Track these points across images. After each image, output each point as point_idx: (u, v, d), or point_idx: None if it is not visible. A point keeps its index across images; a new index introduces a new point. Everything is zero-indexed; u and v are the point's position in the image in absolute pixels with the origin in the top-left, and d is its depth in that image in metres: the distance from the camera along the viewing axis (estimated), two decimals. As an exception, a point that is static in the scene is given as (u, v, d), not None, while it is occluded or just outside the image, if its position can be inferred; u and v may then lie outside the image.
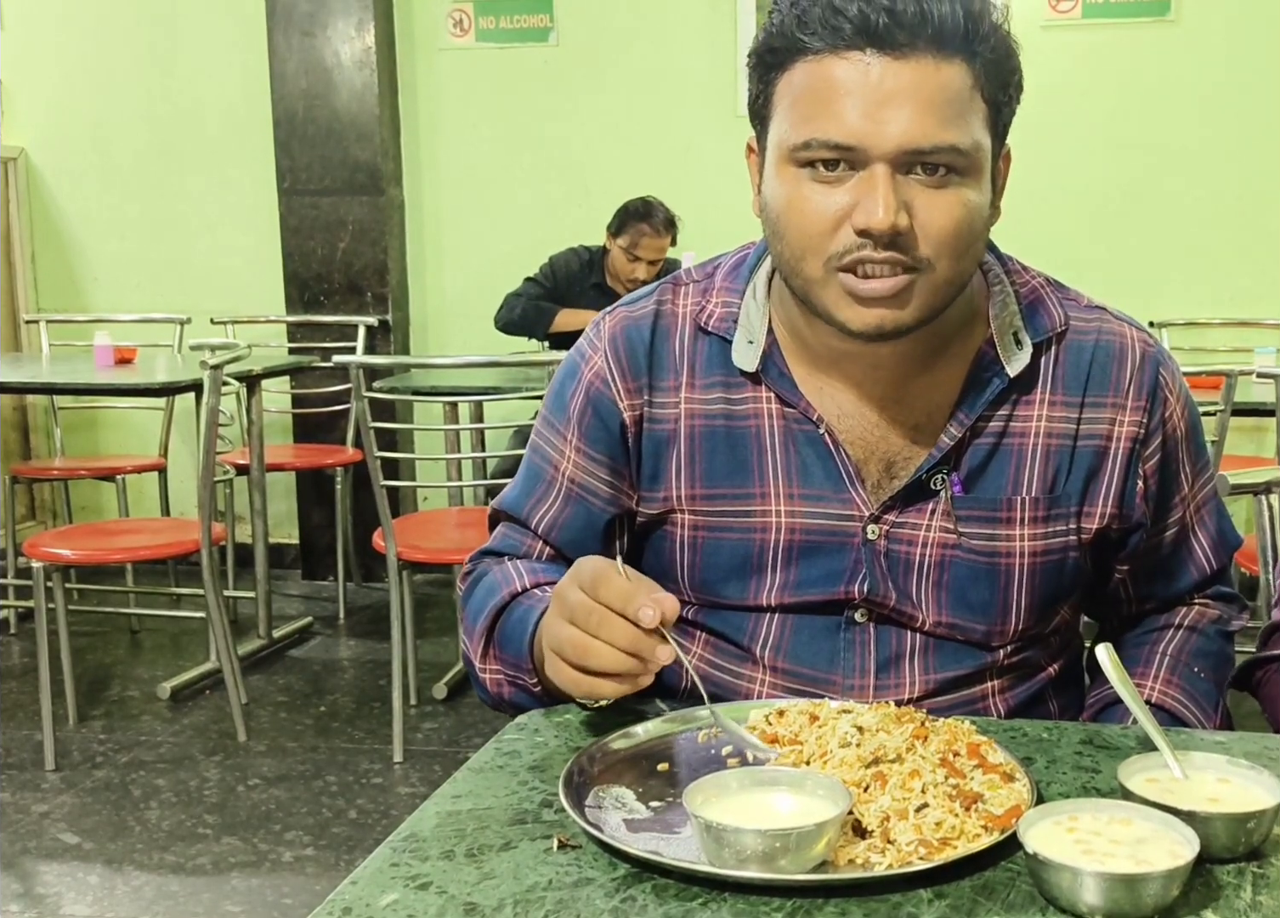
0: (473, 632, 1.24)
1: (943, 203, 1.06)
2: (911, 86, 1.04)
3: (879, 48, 1.04)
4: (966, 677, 1.22)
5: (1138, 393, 1.21)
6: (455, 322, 4.83)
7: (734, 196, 5.00)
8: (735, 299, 1.22)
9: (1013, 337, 1.19)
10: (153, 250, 4.92)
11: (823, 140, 1.05)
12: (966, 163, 1.06)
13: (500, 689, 1.21)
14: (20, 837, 2.84)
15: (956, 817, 0.88)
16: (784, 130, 1.09)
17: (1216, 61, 4.20)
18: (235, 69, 4.74)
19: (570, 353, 1.30)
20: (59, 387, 4.10)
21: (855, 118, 1.04)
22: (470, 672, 1.26)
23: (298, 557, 4.95)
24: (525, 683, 1.17)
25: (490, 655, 1.21)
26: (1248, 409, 3.33)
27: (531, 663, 1.15)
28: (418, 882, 0.85)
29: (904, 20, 1.03)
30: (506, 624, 1.20)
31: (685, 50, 4.56)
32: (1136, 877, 0.79)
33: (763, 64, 1.12)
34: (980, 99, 1.07)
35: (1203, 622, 1.31)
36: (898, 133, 1.03)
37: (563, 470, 1.27)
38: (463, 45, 4.67)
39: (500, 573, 1.25)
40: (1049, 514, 1.20)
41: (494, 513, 1.35)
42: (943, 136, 1.04)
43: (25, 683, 3.74)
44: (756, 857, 0.83)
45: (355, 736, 3.42)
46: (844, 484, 1.19)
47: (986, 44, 1.07)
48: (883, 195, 1.04)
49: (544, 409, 1.31)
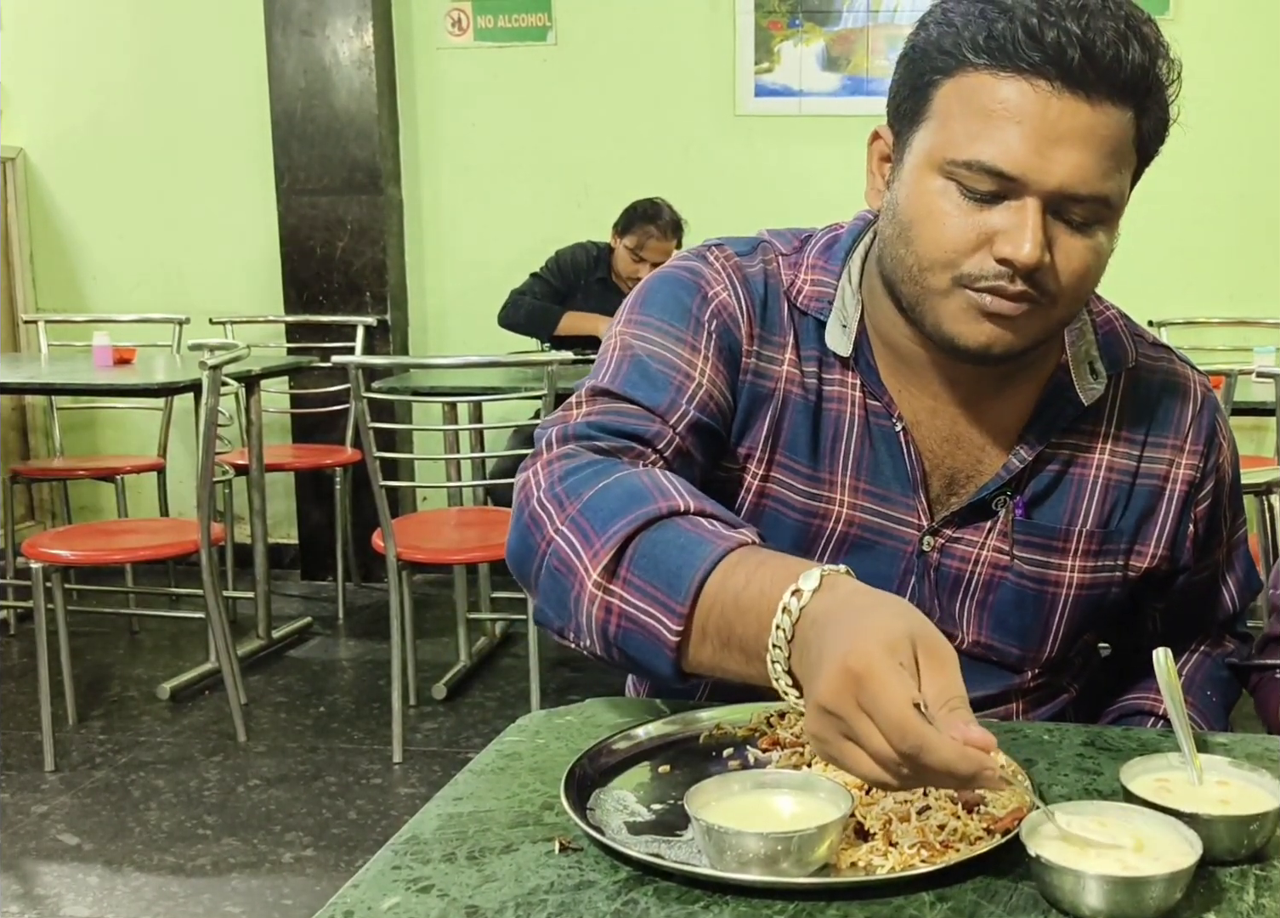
0: (594, 532, 1.00)
1: (1080, 247, 1.05)
2: (1087, 129, 1.01)
3: (1065, 82, 1.01)
4: (993, 698, 1.22)
5: (1196, 437, 1.22)
6: (454, 321, 4.82)
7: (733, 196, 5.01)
8: (829, 279, 1.19)
9: (1088, 366, 1.19)
10: (151, 250, 4.91)
11: (986, 165, 1.02)
12: (1110, 213, 1.06)
13: (609, 619, 0.98)
14: (20, 838, 2.83)
15: (958, 819, 0.88)
16: (941, 139, 1.05)
17: (1215, 60, 4.19)
18: (233, 68, 4.73)
19: (676, 271, 1.20)
20: (58, 387, 4.09)
21: (1025, 149, 1.01)
22: (557, 576, 1.01)
23: (297, 557, 4.94)
24: (659, 626, 0.95)
25: (618, 575, 0.98)
26: (1247, 408, 3.33)
27: (691, 606, 0.94)
28: (419, 885, 0.85)
29: (1098, 62, 1.00)
30: (659, 543, 0.97)
31: (684, 49, 4.56)
32: (1139, 880, 0.79)
33: (927, 61, 1.06)
34: (1134, 152, 1.06)
35: (1216, 651, 1.33)
36: (1062, 173, 1.02)
37: (698, 382, 1.14)
38: (461, 44, 4.67)
39: (649, 478, 1.03)
40: (1101, 549, 1.20)
41: (597, 391, 1.14)
42: (1101, 186, 1.03)
43: (24, 684, 3.73)
44: (758, 860, 0.83)
45: (355, 736, 3.42)
46: (909, 487, 1.18)
47: (1159, 100, 1.06)
48: (1033, 231, 1.02)
49: (650, 315, 1.17)
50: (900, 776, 0.80)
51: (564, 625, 1.03)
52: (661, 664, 0.97)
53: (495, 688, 3.76)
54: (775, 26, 4.46)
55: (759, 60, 4.50)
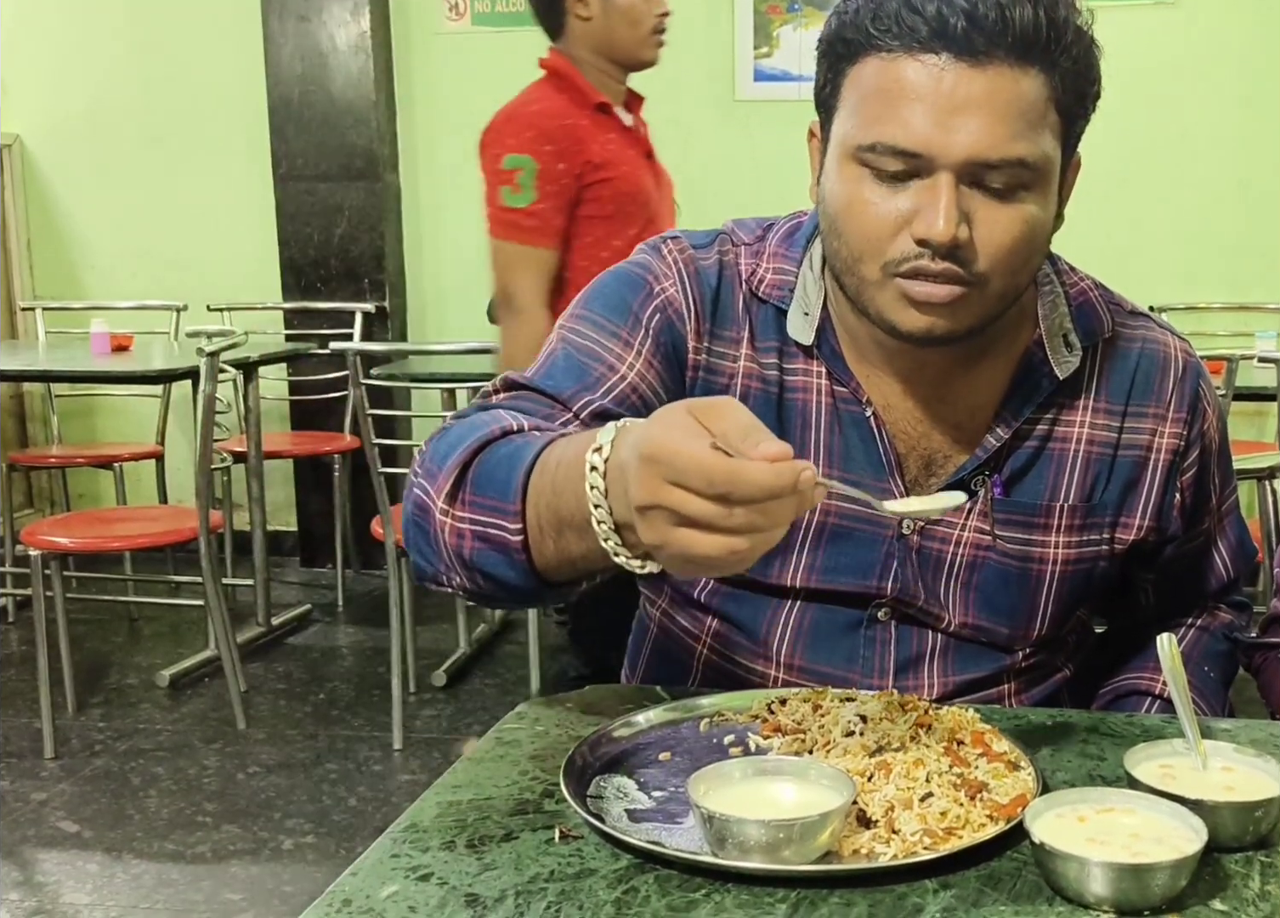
0: (438, 470, 1.03)
1: (1004, 218, 1.03)
2: (985, 95, 1.00)
3: (954, 52, 1.00)
4: (985, 679, 1.21)
5: (1179, 405, 1.20)
6: (453, 308, 4.81)
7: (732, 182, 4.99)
8: (790, 267, 1.18)
9: (1062, 339, 1.17)
10: (149, 237, 4.90)
11: (889, 145, 1.02)
12: (1033, 176, 1.03)
13: (461, 543, 1.00)
14: (19, 825, 2.83)
15: (961, 806, 0.88)
16: (850, 127, 1.05)
17: (1218, 45, 4.17)
18: (230, 55, 4.71)
19: (628, 266, 1.20)
20: (56, 374, 4.08)
21: (924, 124, 1.01)
22: (417, 522, 1.04)
23: (296, 544, 4.94)
24: (502, 532, 0.97)
25: (460, 499, 1.00)
26: (1249, 393, 3.33)
27: (522, 504, 0.96)
28: (418, 873, 0.84)
29: (983, 25, 0.99)
30: (490, 460, 1.01)
31: (682, 34, 4.51)
32: (1144, 867, 0.78)
33: (833, 52, 1.07)
34: (1054, 111, 1.04)
35: (1214, 624, 1.32)
36: (966, 143, 1.00)
37: (622, 374, 1.14)
38: (458, 29, 4.65)
39: (491, 416, 1.06)
40: (1085, 523, 1.19)
41: (509, 383, 1.16)
42: (1012, 149, 1.01)
43: (24, 672, 3.73)
44: (760, 848, 0.82)
45: (354, 723, 3.42)
46: (884, 472, 1.16)
47: (1068, 54, 1.03)
48: (944, 206, 1.01)
49: (590, 310, 1.18)
50: (740, 528, 0.78)
51: (436, 571, 1.04)
52: (518, 574, 0.98)
53: (495, 675, 3.76)
54: (774, 11, 4.44)
55: (758, 45, 4.48)
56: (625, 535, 0.87)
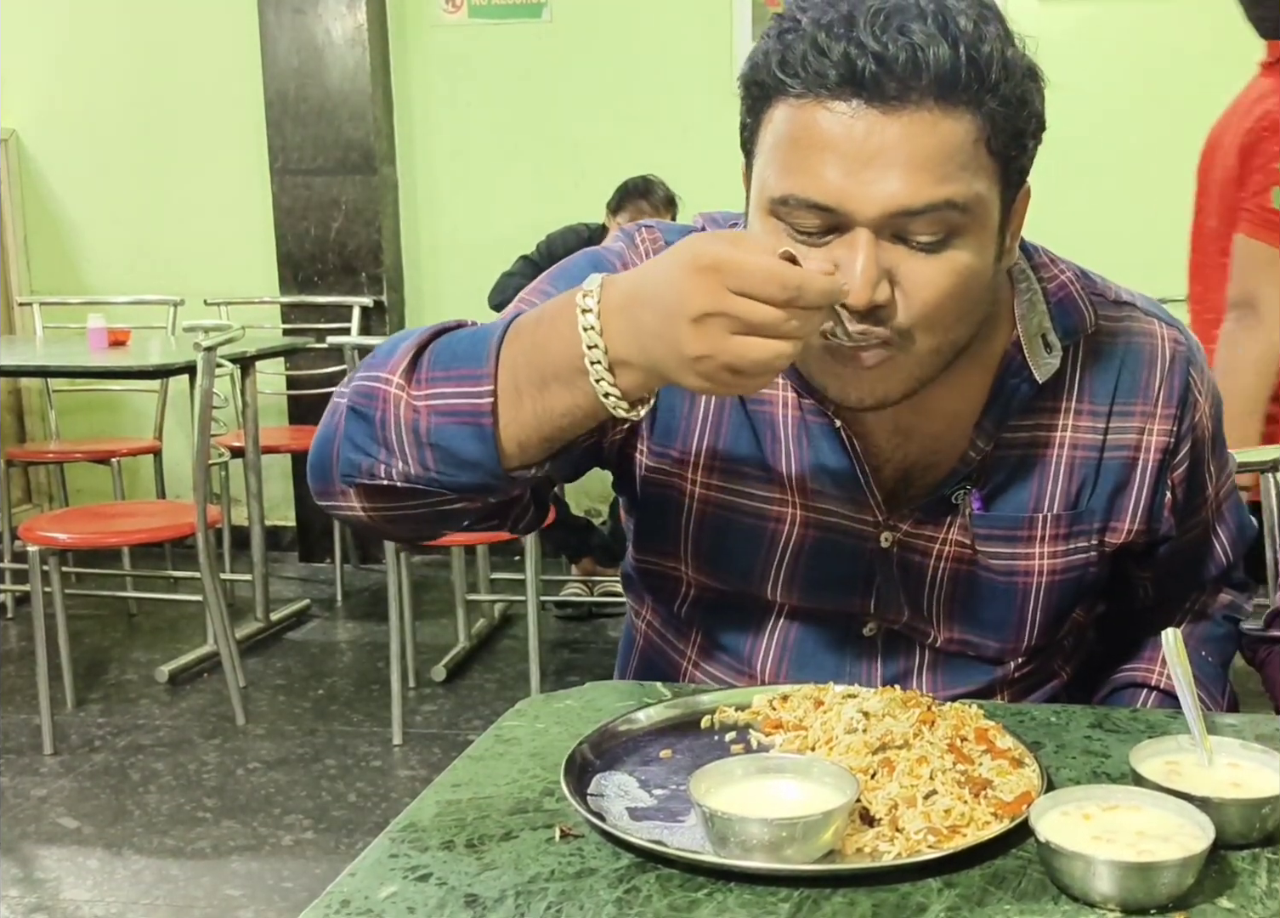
0: (386, 359, 1.00)
1: (930, 271, 0.96)
2: (901, 143, 0.92)
3: (866, 98, 0.92)
4: (977, 692, 1.19)
5: (1168, 400, 1.14)
6: (450, 302, 4.79)
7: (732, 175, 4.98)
8: None
9: (1041, 339, 1.10)
10: (145, 232, 4.88)
11: (801, 198, 0.95)
12: (964, 219, 0.95)
13: (417, 418, 0.96)
14: (19, 821, 2.83)
15: (966, 804, 0.87)
16: (765, 177, 0.99)
17: (1218, 33, 4.16)
18: (226, 48, 4.70)
19: (602, 250, 1.16)
20: (53, 369, 4.07)
21: (836, 177, 0.93)
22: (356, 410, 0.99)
23: (294, 539, 4.93)
24: (470, 400, 0.94)
25: (417, 378, 0.97)
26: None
27: (494, 367, 0.94)
28: (417, 873, 0.84)
29: (895, 68, 0.91)
30: (451, 340, 0.99)
31: (681, 26, 4.52)
32: (1151, 866, 0.77)
33: (749, 95, 1.00)
34: (986, 152, 0.96)
35: (1213, 606, 1.29)
36: (882, 196, 0.93)
37: None
38: (455, 22, 4.63)
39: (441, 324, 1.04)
40: (1071, 531, 1.14)
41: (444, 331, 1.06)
42: (937, 192, 0.93)
43: (23, 667, 3.72)
44: (762, 846, 0.81)
45: (354, 718, 3.41)
46: (858, 484, 1.12)
47: (995, 93, 0.94)
48: (862, 267, 0.93)
49: (554, 287, 1.11)
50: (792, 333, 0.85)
51: (372, 463, 0.99)
52: (480, 445, 0.95)
53: (495, 670, 3.75)
54: (772, 2, 4.43)
55: (756, 37, 4.47)
56: (619, 375, 0.90)
